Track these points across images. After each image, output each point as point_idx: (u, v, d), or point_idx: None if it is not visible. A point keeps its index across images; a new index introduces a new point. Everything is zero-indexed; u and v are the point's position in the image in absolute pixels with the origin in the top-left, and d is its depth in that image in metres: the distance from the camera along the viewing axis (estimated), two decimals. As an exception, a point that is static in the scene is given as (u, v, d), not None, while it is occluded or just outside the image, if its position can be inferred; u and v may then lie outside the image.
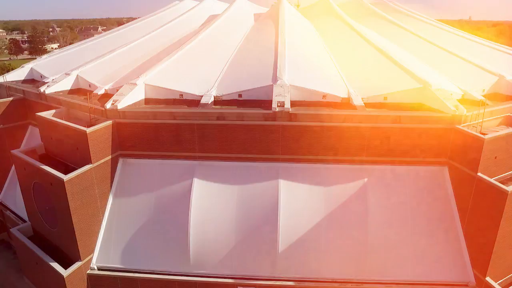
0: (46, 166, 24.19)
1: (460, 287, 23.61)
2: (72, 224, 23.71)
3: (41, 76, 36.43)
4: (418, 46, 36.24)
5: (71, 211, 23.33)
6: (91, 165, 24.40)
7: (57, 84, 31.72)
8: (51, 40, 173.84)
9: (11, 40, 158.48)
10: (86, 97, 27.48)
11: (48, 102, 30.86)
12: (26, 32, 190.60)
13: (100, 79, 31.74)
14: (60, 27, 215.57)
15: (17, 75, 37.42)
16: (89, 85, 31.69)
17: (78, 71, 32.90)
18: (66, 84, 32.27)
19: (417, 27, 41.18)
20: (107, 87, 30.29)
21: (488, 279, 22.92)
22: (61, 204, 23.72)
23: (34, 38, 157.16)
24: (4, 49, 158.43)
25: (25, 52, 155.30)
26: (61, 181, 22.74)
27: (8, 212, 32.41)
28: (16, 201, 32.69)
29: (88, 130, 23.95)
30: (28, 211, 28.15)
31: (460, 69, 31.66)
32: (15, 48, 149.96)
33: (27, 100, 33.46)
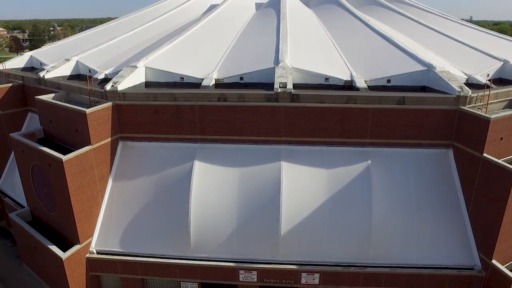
0: (45, 147, 23.85)
1: (465, 271, 23.17)
2: (71, 206, 23.33)
3: (40, 64, 36.08)
4: (421, 33, 35.91)
5: (70, 192, 22.96)
6: (91, 146, 24.05)
7: (57, 70, 31.39)
8: (52, 38, 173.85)
9: (12, 38, 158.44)
10: (86, 82, 27.17)
11: (47, 87, 30.48)
12: (27, 31, 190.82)
13: (100, 65, 31.43)
14: (61, 26, 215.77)
15: (17, 63, 37.12)
16: (89, 71, 31.37)
17: (78, 57, 32.62)
18: (65, 70, 31.95)
19: (419, 16, 40.86)
20: (107, 71, 30.00)
21: (494, 262, 22.47)
22: (60, 185, 23.35)
23: (34, 36, 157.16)
24: (5, 47, 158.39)
25: (25, 50, 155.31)
26: (59, 161, 22.39)
27: (6, 199, 32.01)
28: (15, 188, 32.29)
29: (88, 110, 23.61)
30: (27, 195, 27.77)
31: (464, 55, 31.31)
32: (16, 45, 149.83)
33: (27, 86, 33.11)
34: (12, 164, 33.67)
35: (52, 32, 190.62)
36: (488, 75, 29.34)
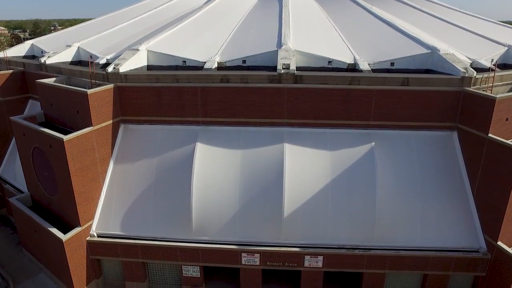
0: (46, 129, 23.64)
1: (470, 253, 22.87)
2: (72, 188, 23.07)
3: (41, 52, 35.92)
4: (424, 20, 35.74)
5: (70, 173, 22.71)
6: (92, 127, 23.82)
7: (58, 55, 31.23)
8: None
9: (12, 36, 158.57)
10: (87, 66, 26.97)
11: (48, 72, 30.31)
12: (27, 30, 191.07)
13: (101, 50, 31.25)
14: (62, 26, 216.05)
15: (18, 51, 36.98)
16: (90, 56, 31.11)
17: (79, 43, 32.47)
18: (67, 56, 31.79)
19: (422, 5, 40.71)
20: (108, 56, 29.79)
21: (500, 243, 22.19)
22: (61, 167, 23.11)
23: (35, 35, 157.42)
24: (6, 45, 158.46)
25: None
26: (60, 141, 22.15)
27: (7, 186, 31.75)
28: (15, 176, 32.05)
29: (89, 91, 23.40)
30: (27, 179, 27.52)
31: (467, 41, 31.12)
32: (17, 44, 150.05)
33: (27, 73, 32.92)
34: (12, 151, 33.45)
35: (53, 31, 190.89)
36: (492, 60, 29.08)
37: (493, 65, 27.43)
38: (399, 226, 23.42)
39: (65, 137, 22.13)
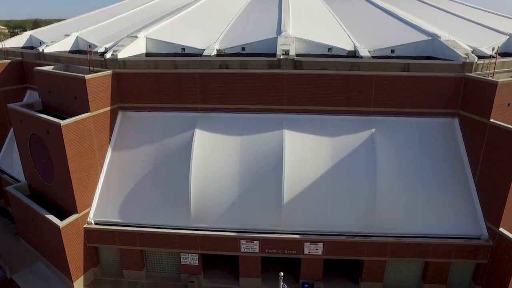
0: (43, 114, 23.44)
1: (472, 240, 22.61)
2: (69, 174, 22.82)
3: (40, 43, 35.68)
4: (424, 10, 35.57)
5: (68, 159, 22.47)
6: (90, 113, 23.60)
7: (56, 44, 31.08)
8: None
9: (12, 35, 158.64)
10: (86, 54, 26.77)
11: (46, 61, 30.08)
12: (27, 29, 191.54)
13: (100, 40, 31.07)
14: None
15: (16, 42, 36.81)
16: (89, 46, 30.87)
17: (78, 32, 32.31)
18: (65, 45, 31.64)
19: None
20: (107, 45, 29.55)
21: (502, 230, 21.92)
22: (58, 153, 22.87)
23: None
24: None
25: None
26: (57, 126, 21.93)
27: (4, 176, 31.50)
28: (13, 166, 31.82)
29: (87, 76, 23.20)
30: (25, 167, 27.27)
31: (468, 30, 30.92)
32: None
33: (26, 63, 32.72)
34: (10, 142, 33.21)
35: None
36: (493, 48, 28.81)
37: (495, 53, 27.27)
38: (400, 213, 23.17)
39: (63, 122, 21.90)
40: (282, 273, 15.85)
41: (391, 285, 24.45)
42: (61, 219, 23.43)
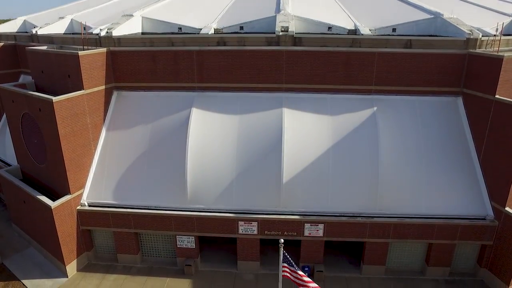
0: (34, 92, 22.74)
1: (477, 221, 21.93)
2: (61, 153, 22.08)
3: (34, 28, 35.03)
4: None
5: (60, 137, 21.74)
6: (83, 91, 22.90)
7: (51, 26, 30.41)
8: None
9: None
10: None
11: (40, 43, 29.40)
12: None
13: (95, 22, 30.30)
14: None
15: (10, 27, 36.03)
16: (84, 28, 30.26)
17: (72, 15, 31.62)
18: (59, 28, 30.93)
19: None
20: (102, 27, 28.81)
21: (508, 209, 21.26)
22: (50, 131, 22.12)
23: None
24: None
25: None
26: (49, 103, 21.21)
27: (-4, 161, 30.79)
28: (5, 151, 31.10)
29: (81, 53, 22.52)
30: (17, 149, 26.49)
31: (472, 12, 30.29)
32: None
33: (19, 46, 32.02)
34: (3, 128, 32.48)
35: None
36: (497, 29, 28.33)
37: (499, 33, 26.71)
38: (403, 193, 22.48)
39: (55, 98, 21.20)
40: (282, 240, 15.13)
41: (394, 268, 23.75)
42: (53, 200, 22.70)
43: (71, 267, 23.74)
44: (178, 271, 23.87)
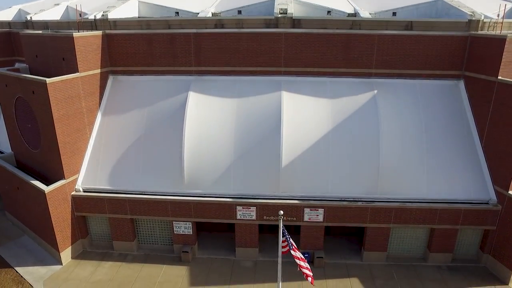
0: (28, 75, 22.26)
1: (480, 205, 21.53)
2: (56, 136, 21.58)
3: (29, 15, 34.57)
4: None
5: (54, 120, 21.24)
6: (78, 74, 22.44)
7: (45, 12, 29.99)
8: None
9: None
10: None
11: (35, 29, 28.97)
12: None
13: (91, 9, 29.89)
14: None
15: (4, 15, 35.50)
16: (80, 15, 29.83)
17: (68, 2, 31.17)
18: (54, 15, 30.51)
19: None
20: (98, 14, 28.43)
21: (511, 193, 20.87)
22: (44, 113, 21.60)
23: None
24: None
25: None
26: (43, 84, 20.72)
27: (-10, 150, 30.24)
28: (0, 141, 30.58)
29: (75, 34, 22.08)
30: (11, 135, 25.95)
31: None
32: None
33: (13, 34, 31.52)
34: (-3, 117, 31.95)
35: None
36: (498, 15, 28.02)
37: (501, 18, 26.37)
38: (404, 177, 22.06)
39: (49, 80, 20.71)
40: (282, 212, 14.68)
41: (396, 255, 23.30)
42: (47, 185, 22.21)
43: (66, 254, 23.21)
44: (175, 259, 23.37)
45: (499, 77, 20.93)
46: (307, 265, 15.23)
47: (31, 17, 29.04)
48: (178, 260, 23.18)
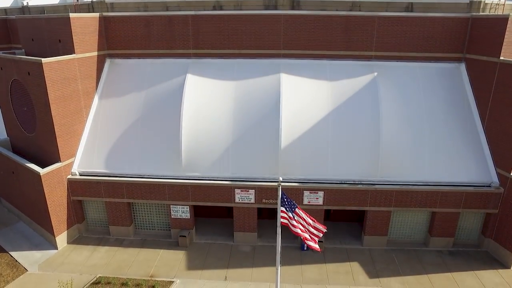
0: (23, 56, 21.95)
1: (482, 188, 21.23)
2: (51, 118, 21.24)
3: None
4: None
5: (50, 101, 20.92)
6: (74, 55, 22.14)
7: (42, -2, 29.62)
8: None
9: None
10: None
11: (31, 14, 28.63)
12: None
13: (89, -5, 29.67)
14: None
15: (2, 2, 35.18)
16: (77, 0, 29.58)
17: (65, -12, 30.83)
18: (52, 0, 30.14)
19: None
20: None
21: (513, 175, 20.61)
22: (40, 95, 21.28)
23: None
24: None
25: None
26: (39, 65, 20.40)
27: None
28: (-4, 128, 30.26)
29: (72, 15, 21.79)
30: (6, 120, 25.60)
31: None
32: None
33: (10, 21, 31.22)
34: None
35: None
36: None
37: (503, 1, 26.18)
38: (405, 160, 21.78)
39: (44, 60, 20.39)
40: (281, 178, 14.28)
41: (396, 239, 22.98)
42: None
43: (61, 239, 22.85)
44: (172, 243, 23.02)
45: (501, 58, 20.68)
46: (316, 234, 14.05)
47: (27, 3, 28.74)
48: (175, 245, 22.83)
